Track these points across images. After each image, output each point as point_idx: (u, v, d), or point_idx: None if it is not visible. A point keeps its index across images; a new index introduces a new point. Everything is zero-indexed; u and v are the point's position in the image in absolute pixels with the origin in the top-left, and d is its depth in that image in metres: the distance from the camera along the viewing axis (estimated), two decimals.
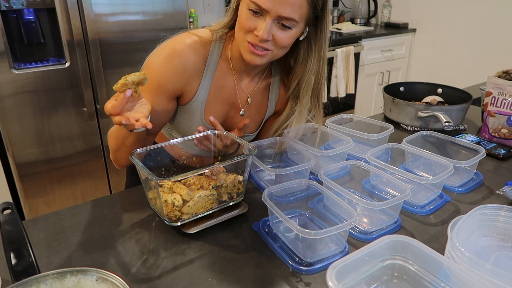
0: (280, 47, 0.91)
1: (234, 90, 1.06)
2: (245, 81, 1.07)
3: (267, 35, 0.86)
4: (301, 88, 1.03)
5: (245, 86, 1.07)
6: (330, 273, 0.55)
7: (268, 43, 0.89)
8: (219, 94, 1.04)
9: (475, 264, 0.59)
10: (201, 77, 0.99)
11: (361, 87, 3.27)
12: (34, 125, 1.92)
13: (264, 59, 0.92)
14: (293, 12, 0.85)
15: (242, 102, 1.08)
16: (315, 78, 1.01)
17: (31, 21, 1.87)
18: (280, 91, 1.12)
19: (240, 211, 0.87)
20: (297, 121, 1.06)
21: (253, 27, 0.87)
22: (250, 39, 0.89)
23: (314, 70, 1.00)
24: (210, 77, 1.01)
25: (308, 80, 1.01)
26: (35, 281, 0.56)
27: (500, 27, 2.93)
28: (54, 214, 0.88)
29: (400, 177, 0.90)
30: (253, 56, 0.91)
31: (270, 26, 0.86)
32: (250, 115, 1.11)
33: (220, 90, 1.04)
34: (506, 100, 1.20)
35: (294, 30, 0.89)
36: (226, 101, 1.06)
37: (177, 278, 0.70)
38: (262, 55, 0.91)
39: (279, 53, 0.94)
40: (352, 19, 3.72)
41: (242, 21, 0.89)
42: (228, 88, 1.05)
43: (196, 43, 0.97)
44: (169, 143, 0.92)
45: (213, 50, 0.99)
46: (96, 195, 2.22)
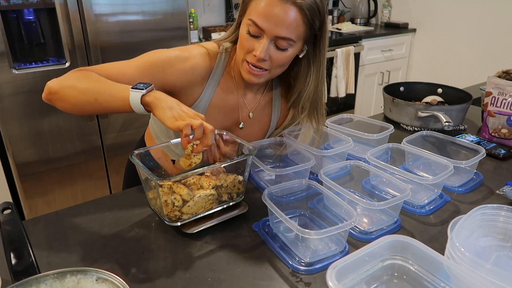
0: (277, 66, 0.94)
1: (237, 104, 1.07)
2: (248, 96, 1.08)
3: (264, 55, 0.89)
4: (301, 102, 1.05)
5: (248, 101, 1.08)
6: (330, 273, 0.55)
7: (266, 63, 0.92)
8: (221, 106, 1.04)
9: (475, 264, 0.59)
10: (205, 85, 1.00)
11: (361, 87, 3.27)
12: (34, 125, 1.92)
13: (262, 79, 0.95)
14: (289, 32, 0.87)
15: (244, 116, 1.09)
16: (314, 91, 1.03)
17: (31, 21, 1.87)
18: (282, 106, 1.13)
19: (240, 211, 0.87)
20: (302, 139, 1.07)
21: (251, 48, 0.90)
22: (249, 59, 0.92)
23: (313, 84, 1.02)
24: (214, 86, 1.02)
25: (307, 94, 1.03)
26: (35, 281, 0.56)
27: (500, 27, 2.93)
28: (54, 214, 0.88)
29: (400, 177, 0.90)
30: (251, 75, 0.94)
31: (267, 47, 0.89)
32: (252, 132, 1.11)
33: (223, 102, 1.04)
34: (506, 100, 1.20)
35: (291, 50, 0.92)
36: (228, 113, 1.06)
37: (177, 278, 0.70)
38: (259, 75, 0.94)
39: (276, 72, 0.96)
40: (352, 19, 3.72)
41: (242, 42, 0.92)
42: (231, 101, 1.05)
43: (204, 53, 0.99)
44: (169, 143, 0.92)
45: (219, 61, 1.01)
46: (96, 195, 2.22)
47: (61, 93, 0.84)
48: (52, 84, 0.84)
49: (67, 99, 0.84)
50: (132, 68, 0.92)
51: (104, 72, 0.89)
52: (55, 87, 0.84)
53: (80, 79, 0.84)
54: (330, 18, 3.52)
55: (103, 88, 0.82)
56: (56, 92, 0.84)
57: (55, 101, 0.85)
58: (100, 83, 0.84)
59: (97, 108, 0.83)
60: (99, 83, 0.84)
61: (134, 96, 0.78)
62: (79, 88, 0.83)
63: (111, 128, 2.14)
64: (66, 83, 0.84)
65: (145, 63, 0.93)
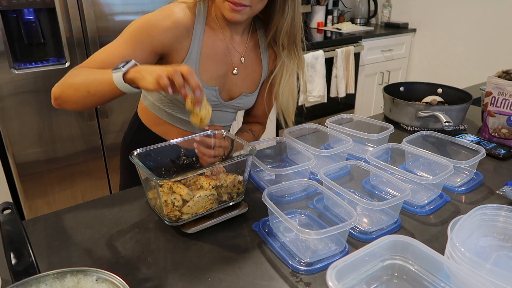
0: (257, 1, 0.95)
1: (226, 48, 1.08)
2: (235, 39, 1.09)
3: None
4: (280, 36, 1.06)
5: (236, 44, 1.09)
6: (330, 273, 0.55)
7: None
8: (212, 53, 1.05)
9: (475, 264, 0.59)
10: (191, 36, 1.01)
11: (361, 87, 3.27)
12: (34, 125, 1.92)
13: (245, 15, 0.97)
14: None
15: (235, 61, 1.10)
16: (291, 24, 1.05)
17: (31, 21, 1.87)
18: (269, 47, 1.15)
19: (240, 211, 0.87)
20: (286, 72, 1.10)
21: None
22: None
23: (289, 16, 1.03)
24: (200, 36, 1.03)
25: (286, 25, 1.04)
26: (35, 281, 0.56)
27: (500, 27, 2.93)
28: (54, 214, 0.88)
29: (400, 177, 0.90)
30: (234, 13, 0.95)
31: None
32: (247, 75, 1.12)
33: (212, 49, 1.05)
34: (506, 100, 1.20)
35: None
36: (220, 60, 1.07)
37: (177, 278, 0.70)
38: (242, 11, 0.95)
39: (257, 7, 0.98)
40: (352, 19, 3.72)
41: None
42: (220, 46, 1.07)
43: (183, 7, 1.00)
44: (169, 143, 0.92)
45: (199, 11, 1.03)
46: (96, 195, 2.22)
47: (62, 96, 0.90)
48: (54, 89, 0.91)
49: (69, 99, 0.90)
50: (121, 45, 0.94)
51: (97, 61, 0.93)
52: (57, 92, 0.90)
53: (73, 77, 0.90)
54: (330, 18, 3.52)
55: (92, 79, 0.87)
56: (59, 96, 0.90)
57: (62, 105, 0.92)
58: (89, 75, 0.88)
59: (94, 99, 0.87)
60: (88, 75, 0.89)
61: (116, 77, 0.81)
62: (73, 86, 0.88)
63: (111, 128, 2.14)
64: (63, 85, 0.90)
65: (129, 35, 0.95)
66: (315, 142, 1.20)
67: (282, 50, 1.09)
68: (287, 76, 1.10)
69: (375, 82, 3.39)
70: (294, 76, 1.12)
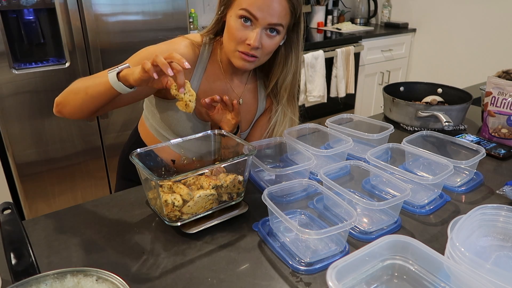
0: (266, 54, 1.00)
1: (225, 89, 1.11)
2: (235, 81, 1.12)
3: (258, 43, 0.95)
4: (281, 87, 1.12)
5: (235, 86, 1.12)
6: (330, 273, 0.55)
7: (258, 51, 0.97)
8: (210, 92, 1.07)
9: (475, 264, 0.59)
10: (192, 73, 1.04)
11: (361, 87, 3.27)
12: (34, 125, 1.92)
13: (253, 65, 1.01)
14: (280, 19, 0.95)
15: None
16: (293, 76, 1.10)
17: (31, 21, 1.87)
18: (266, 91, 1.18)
19: (240, 211, 0.87)
20: (281, 119, 1.15)
21: (243, 37, 0.95)
22: (242, 49, 0.96)
23: (291, 70, 1.09)
24: (201, 74, 1.06)
25: (287, 79, 1.10)
26: (35, 281, 0.56)
27: (500, 27, 2.93)
28: (54, 214, 0.88)
29: (400, 177, 0.90)
30: (244, 62, 0.99)
31: (260, 35, 0.95)
32: (242, 116, 1.15)
33: (211, 89, 1.08)
34: (506, 100, 1.20)
35: (278, 37, 0.98)
36: None
37: (177, 278, 0.70)
38: (252, 61, 0.99)
39: (264, 59, 1.03)
40: (352, 19, 3.72)
41: (232, 33, 0.96)
42: (218, 86, 1.10)
43: (189, 44, 1.04)
44: (169, 143, 0.92)
45: (203, 51, 1.06)
46: (96, 195, 2.22)
47: (63, 102, 0.96)
48: (57, 98, 0.97)
49: (68, 104, 0.95)
50: None
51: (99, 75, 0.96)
52: (58, 99, 0.96)
53: (74, 85, 0.96)
54: (330, 18, 3.51)
55: (90, 82, 0.92)
56: (60, 102, 0.96)
57: (63, 111, 0.97)
58: (88, 80, 0.94)
59: (92, 101, 0.91)
60: (87, 80, 0.94)
61: (111, 77, 0.86)
62: (73, 90, 0.94)
63: (111, 128, 2.14)
64: (65, 92, 0.96)
65: (135, 63, 0.97)
66: (315, 142, 1.20)
67: (281, 99, 1.14)
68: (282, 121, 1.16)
69: (375, 82, 3.39)
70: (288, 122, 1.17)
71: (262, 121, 1.21)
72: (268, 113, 1.20)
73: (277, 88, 1.13)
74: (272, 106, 1.19)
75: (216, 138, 0.99)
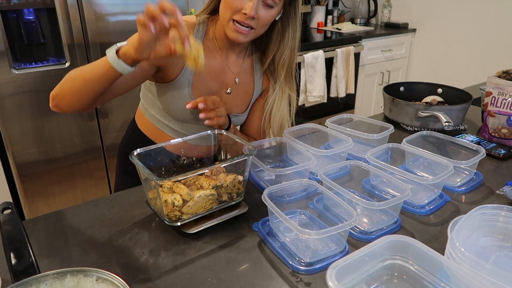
0: (262, 26, 0.99)
1: (221, 67, 1.10)
2: (231, 59, 1.12)
3: (254, 12, 0.94)
4: (278, 64, 1.11)
5: (231, 64, 1.12)
6: (330, 273, 0.55)
7: (254, 21, 0.97)
8: (206, 71, 1.07)
9: (475, 264, 0.59)
10: None
11: (361, 87, 3.27)
12: (34, 125, 1.92)
13: (248, 37, 1.00)
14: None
15: (229, 80, 1.12)
16: (291, 52, 1.10)
17: (31, 21, 1.87)
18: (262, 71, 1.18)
19: (240, 211, 0.87)
20: (279, 98, 1.14)
21: (239, 7, 0.95)
22: (237, 18, 0.96)
23: (289, 47, 1.08)
24: None
25: (285, 55, 1.09)
26: (35, 281, 0.56)
27: (500, 27, 2.93)
28: (54, 214, 0.88)
29: (400, 177, 0.90)
30: (238, 34, 0.98)
31: (257, 5, 0.94)
32: (239, 95, 1.15)
33: (207, 66, 1.06)
34: (506, 100, 1.20)
35: (275, 9, 0.98)
36: (214, 78, 1.10)
37: (177, 278, 0.70)
38: (246, 33, 0.99)
39: (260, 31, 1.02)
40: (352, 19, 3.72)
41: (228, 2, 0.96)
42: (215, 65, 1.09)
43: None
44: (169, 143, 0.92)
45: (197, 31, 1.06)
46: (96, 195, 2.22)
47: (59, 93, 0.91)
48: (52, 92, 0.93)
49: (66, 93, 0.90)
50: None
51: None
52: (54, 91, 0.92)
53: (69, 74, 0.92)
54: (330, 18, 3.52)
55: (87, 67, 0.88)
56: (56, 94, 0.91)
57: (59, 103, 0.92)
58: (84, 67, 0.90)
59: (90, 86, 0.87)
60: (83, 67, 0.90)
61: (110, 55, 0.81)
62: (69, 79, 0.90)
63: (111, 128, 2.14)
64: (60, 84, 0.92)
65: None
66: (315, 142, 1.20)
67: (278, 78, 1.13)
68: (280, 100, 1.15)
69: (375, 82, 3.39)
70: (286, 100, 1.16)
71: (260, 104, 1.21)
72: (266, 95, 1.19)
73: (274, 65, 1.12)
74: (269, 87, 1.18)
75: (216, 138, 0.99)
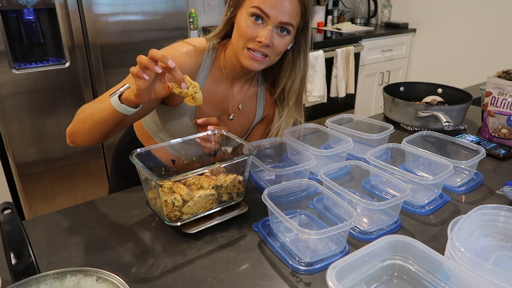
0: (276, 54, 1.00)
1: (225, 96, 1.11)
2: (236, 88, 1.12)
3: (269, 40, 0.94)
4: (288, 92, 1.12)
5: (236, 92, 1.12)
6: (330, 273, 0.55)
7: (268, 49, 0.96)
8: (210, 99, 1.07)
9: (475, 264, 0.59)
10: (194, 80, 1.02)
11: (361, 87, 3.27)
12: (34, 125, 1.92)
13: (262, 65, 1.00)
14: (291, 18, 0.95)
15: (233, 107, 1.13)
16: (301, 80, 1.10)
17: (31, 21, 1.87)
18: (266, 97, 1.19)
19: (240, 211, 0.87)
20: (286, 122, 1.15)
21: (254, 35, 0.94)
22: (252, 46, 0.96)
23: (301, 72, 1.09)
24: (202, 81, 1.05)
25: (296, 83, 1.10)
26: (35, 281, 0.56)
27: (500, 27, 2.93)
28: (54, 214, 0.88)
29: (400, 177, 0.90)
30: (253, 62, 0.98)
31: (272, 33, 0.94)
32: (240, 121, 1.16)
33: (212, 95, 1.07)
34: (506, 100, 1.20)
35: (288, 38, 0.98)
36: (217, 106, 1.10)
37: (177, 278, 0.70)
38: (261, 60, 0.98)
39: (274, 60, 1.02)
40: (352, 19, 3.72)
41: (243, 30, 0.95)
42: (219, 93, 1.09)
43: (191, 51, 1.02)
44: (169, 143, 0.92)
45: (207, 58, 1.05)
46: (96, 195, 2.22)
47: (74, 132, 0.96)
48: (68, 128, 0.97)
49: (79, 134, 0.95)
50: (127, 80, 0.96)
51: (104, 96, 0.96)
52: (70, 130, 0.97)
53: (80, 113, 0.96)
54: (330, 18, 3.51)
55: (94, 109, 0.91)
56: (72, 132, 0.97)
57: (75, 140, 0.98)
58: (93, 107, 0.93)
59: (100, 127, 0.91)
60: (92, 107, 0.93)
61: (113, 100, 0.85)
62: (80, 119, 0.94)
63: None
64: (74, 122, 0.96)
65: None
66: (315, 142, 1.20)
67: (287, 104, 1.14)
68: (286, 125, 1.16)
69: (375, 82, 3.39)
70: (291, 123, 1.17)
71: (260, 129, 1.22)
72: (265, 122, 1.21)
73: (284, 94, 1.13)
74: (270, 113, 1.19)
75: (216, 138, 0.99)
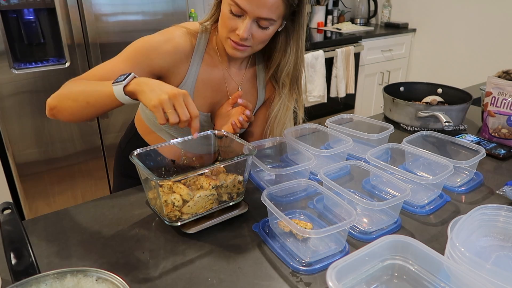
0: (259, 43, 0.98)
1: (223, 78, 1.09)
2: (233, 69, 1.10)
3: (247, 34, 0.93)
4: (281, 74, 1.09)
5: (233, 74, 1.11)
6: (330, 273, 0.55)
7: (248, 41, 0.96)
8: (208, 81, 1.06)
9: (475, 264, 0.59)
10: (189, 62, 1.03)
11: (361, 87, 3.27)
12: (34, 125, 1.92)
13: (245, 53, 0.99)
14: (270, 12, 0.91)
15: (232, 91, 1.11)
16: (294, 66, 1.08)
17: (31, 21, 1.87)
18: (266, 79, 1.16)
19: (240, 211, 0.87)
20: (284, 107, 1.12)
21: (234, 27, 0.94)
22: (233, 38, 0.95)
23: (293, 58, 1.06)
24: (198, 63, 1.04)
25: (288, 67, 1.07)
26: (35, 281, 0.56)
27: (500, 27, 2.93)
28: (54, 214, 0.88)
29: (400, 177, 0.90)
30: (235, 51, 0.98)
31: (250, 26, 0.92)
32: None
33: (209, 77, 1.07)
34: (506, 100, 1.20)
35: (271, 28, 0.96)
36: (216, 88, 1.09)
37: (177, 278, 0.70)
38: (243, 50, 0.97)
39: (258, 47, 1.01)
40: (352, 19, 3.72)
41: (224, 21, 0.95)
42: (217, 76, 1.08)
43: (184, 33, 1.02)
44: (169, 143, 0.92)
45: (200, 40, 1.04)
46: (96, 195, 2.22)
47: (58, 106, 0.91)
48: (50, 100, 0.92)
49: (65, 110, 0.90)
50: (120, 63, 0.96)
51: (95, 76, 0.95)
52: (53, 102, 0.91)
53: (71, 88, 0.91)
54: (330, 18, 3.51)
55: (91, 90, 0.88)
56: (55, 106, 0.91)
57: (57, 115, 0.93)
58: (88, 87, 0.89)
59: (92, 110, 0.89)
60: (87, 87, 0.89)
61: (117, 89, 0.83)
62: (71, 96, 0.89)
63: (111, 128, 2.14)
64: (61, 96, 0.91)
65: (129, 54, 0.97)
66: (315, 142, 1.20)
67: (283, 89, 1.11)
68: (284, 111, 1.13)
69: (375, 82, 3.39)
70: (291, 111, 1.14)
71: (263, 114, 1.18)
72: (269, 104, 1.17)
73: (278, 73, 1.10)
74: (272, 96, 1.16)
75: (216, 138, 0.99)
